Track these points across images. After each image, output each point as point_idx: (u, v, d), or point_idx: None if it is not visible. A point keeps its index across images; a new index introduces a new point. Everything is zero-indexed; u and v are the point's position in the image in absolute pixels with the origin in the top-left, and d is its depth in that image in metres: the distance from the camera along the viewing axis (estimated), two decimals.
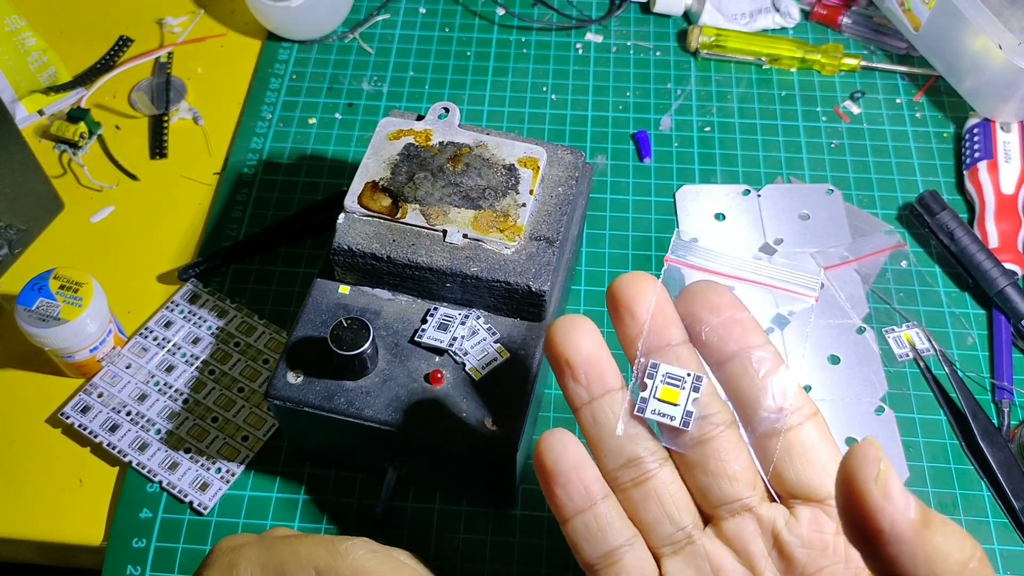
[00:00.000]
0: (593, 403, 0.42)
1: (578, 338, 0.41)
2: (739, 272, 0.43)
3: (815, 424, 0.41)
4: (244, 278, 0.76)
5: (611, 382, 0.42)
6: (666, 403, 0.41)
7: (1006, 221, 0.77)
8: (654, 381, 0.41)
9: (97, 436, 0.68)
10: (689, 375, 0.41)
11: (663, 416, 0.41)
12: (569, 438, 0.41)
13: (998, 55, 0.78)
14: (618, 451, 0.42)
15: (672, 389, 0.41)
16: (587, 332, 0.41)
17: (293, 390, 0.58)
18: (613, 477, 0.42)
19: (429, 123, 0.64)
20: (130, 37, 0.92)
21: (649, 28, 0.94)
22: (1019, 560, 0.64)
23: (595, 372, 0.41)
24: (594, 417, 0.42)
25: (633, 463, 0.42)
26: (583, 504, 0.41)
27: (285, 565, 0.43)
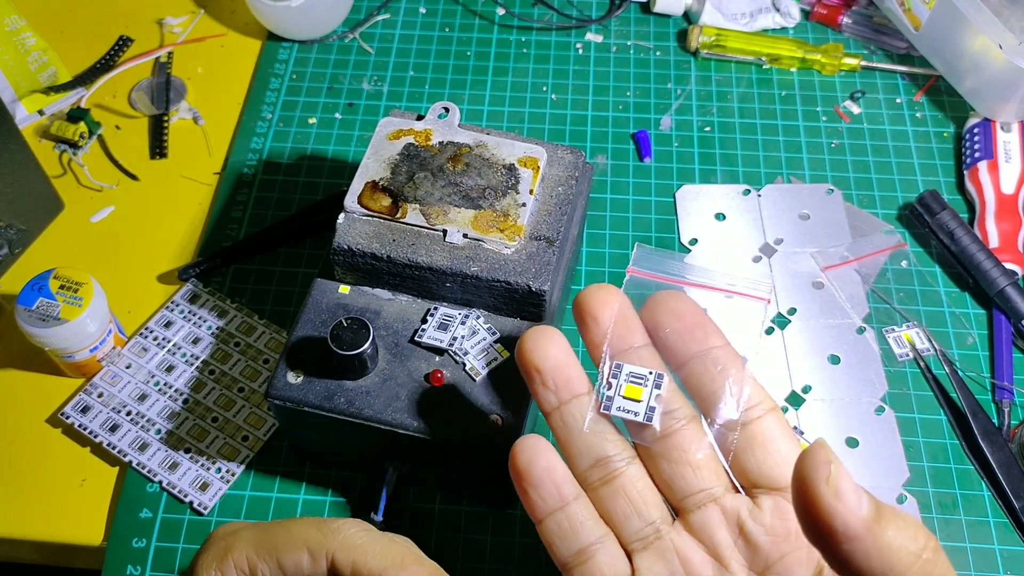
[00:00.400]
0: (562, 407, 0.44)
1: (546, 347, 0.43)
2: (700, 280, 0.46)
3: (774, 417, 0.43)
4: (244, 278, 0.76)
5: (579, 387, 0.44)
6: (630, 400, 0.43)
7: (1006, 221, 0.77)
8: (618, 380, 0.43)
9: (97, 436, 0.68)
10: (651, 373, 0.43)
11: (628, 412, 0.43)
12: (541, 443, 0.43)
13: (998, 55, 0.78)
14: (587, 451, 0.44)
15: (635, 386, 0.43)
16: (554, 341, 0.44)
17: (293, 390, 0.58)
18: (584, 477, 0.44)
19: (429, 123, 0.64)
20: (130, 37, 0.92)
21: (649, 28, 0.94)
22: (1019, 560, 0.64)
23: (563, 378, 0.44)
24: (563, 420, 0.44)
25: (602, 462, 0.44)
26: (555, 504, 0.43)
27: (278, 545, 0.44)
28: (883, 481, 0.67)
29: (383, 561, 0.43)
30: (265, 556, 0.44)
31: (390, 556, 0.43)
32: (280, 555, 0.44)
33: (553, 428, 0.45)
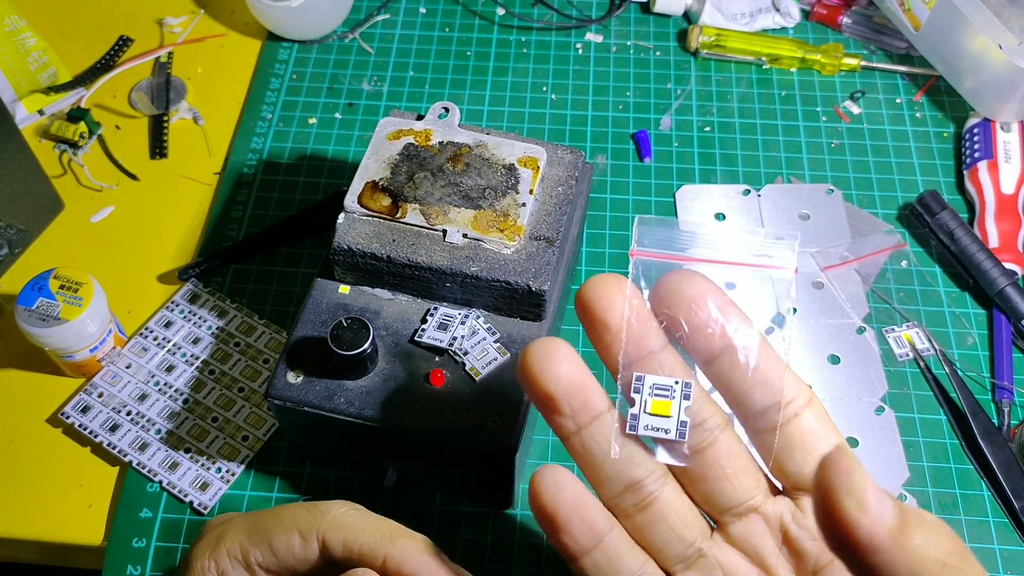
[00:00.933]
0: (582, 431, 0.39)
1: (556, 367, 0.38)
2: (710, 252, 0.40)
3: (812, 411, 0.39)
4: (244, 278, 0.76)
5: (597, 405, 0.39)
6: (658, 416, 0.39)
7: (1006, 221, 0.77)
8: (642, 395, 0.39)
9: (97, 436, 0.68)
10: (677, 383, 0.39)
11: (657, 431, 0.39)
12: (564, 475, 0.39)
13: (998, 55, 0.78)
14: (616, 477, 0.40)
15: (662, 401, 0.39)
16: (564, 358, 0.38)
17: (293, 390, 0.58)
18: (615, 504, 0.40)
19: (429, 123, 0.64)
20: (130, 37, 0.92)
21: (649, 28, 0.94)
22: (1019, 560, 0.64)
23: (579, 400, 0.39)
24: (585, 446, 0.40)
25: (633, 487, 0.40)
26: (590, 543, 0.39)
27: (269, 530, 0.45)
28: (883, 481, 0.67)
29: (373, 536, 0.43)
30: (257, 541, 0.44)
31: (379, 531, 0.43)
32: (271, 539, 0.44)
33: (573, 454, 0.40)
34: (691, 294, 0.38)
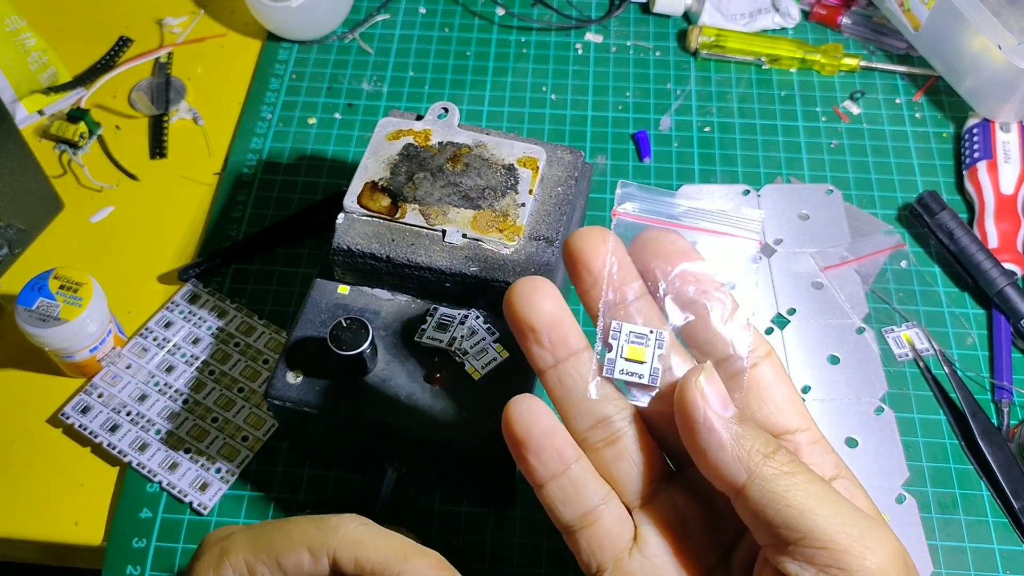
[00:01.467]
0: (559, 366, 0.42)
1: (540, 301, 0.41)
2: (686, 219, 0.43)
3: (770, 364, 0.42)
4: (244, 278, 0.76)
5: (575, 344, 0.42)
6: (633, 362, 0.42)
7: (1005, 221, 0.77)
8: (619, 341, 0.42)
9: (97, 436, 0.68)
10: (652, 332, 0.42)
11: (631, 375, 0.42)
12: (538, 405, 0.41)
13: (997, 55, 0.78)
14: (587, 412, 0.42)
15: (638, 347, 0.42)
16: (547, 295, 0.41)
17: (293, 390, 0.58)
18: (583, 438, 0.43)
19: (428, 123, 0.64)
20: (130, 37, 0.92)
21: (649, 28, 0.94)
22: (1018, 560, 0.64)
23: (558, 335, 0.41)
24: (560, 380, 0.42)
25: (602, 423, 0.42)
26: (557, 469, 0.42)
27: (277, 547, 0.44)
28: (882, 481, 0.67)
29: (385, 555, 0.43)
30: (264, 558, 0.43)
31: (392, 549, 0.43)
32: (280, 557, 0.43)
33: (548, 387, 0.43)
34: (665, 249, 0.42)
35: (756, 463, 0.37)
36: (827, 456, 0.41)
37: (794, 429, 0.41)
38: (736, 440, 0.38)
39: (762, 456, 0.38)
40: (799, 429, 0.41)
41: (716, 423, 0.38)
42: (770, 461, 0.37)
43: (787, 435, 0.42)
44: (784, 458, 0.38)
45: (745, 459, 0.37)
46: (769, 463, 0.37)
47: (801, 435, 0.41)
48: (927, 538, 0.65)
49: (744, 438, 0.38)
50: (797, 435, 0.41)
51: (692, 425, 0.38)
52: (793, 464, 0.38)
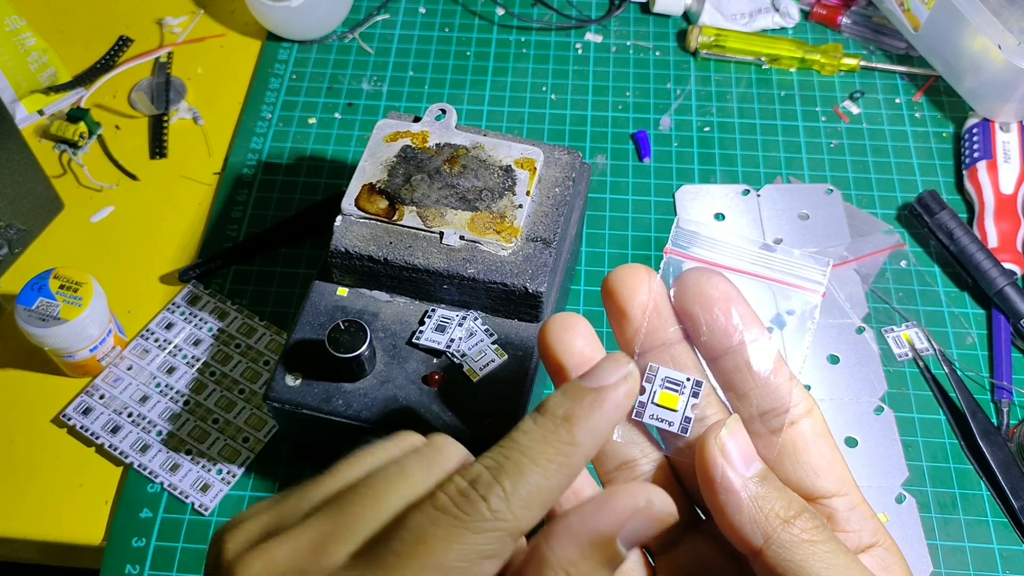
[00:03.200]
0: None
1: (571, 340, 0.39)
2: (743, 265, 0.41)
3: (811, 422, 0.40)
4: (244, 279, 0.76)
5: None
6: (664, 408, 0.40)
7: (1005, 221, 0.77)
8: (652, 385, 0.40)
9: (99, 438, 0.68)
10: (689, 380, 0.40)
11: (661, 421, 0.40)
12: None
13: (997, 55, 0.78)
14: (612, 454, 0.41)
15: (671, 394, 0.40)
16: (580, 334, 0.39)
17: (292, 392, 0.58)
18: (607, 479, 0.42)
19: (426, 124, 0.64)
20: (130, 37, 0.92)
21: (649, 28, 0.94)
22: (1018, 560, 0.64)
23: None
24: None
25: (627, 466, 0.41)
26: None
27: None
28: (882, 480, 0.67)
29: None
30: None
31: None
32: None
33: None
34: (708, 292, 0.39)
35: (774, 528, 0.35)
36: (866, 523, 0.39)
37: (831, 494, 0.39)
38: (754, 502, 0.36)
39: (781, 521, 0.36)
40: (836, 494, 0.39)
41: (735, 483, 0.36)
42: (790, 527, 0.35)
43: (822, 500, 0.39)
44: (807, 523, 0.36)
45: (763, 523, 0.36)
46: (788, 529, 0.35)
47: (838, 500, 0.39)
48: (927, 538, 0.65)
49: (764, 500, 0.36)
50: (834, 500, 0.39)
51: (710, 483, 0.36)
52: (817, 531, 0.36)
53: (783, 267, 0.41)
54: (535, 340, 0.60)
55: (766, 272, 0.41)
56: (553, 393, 0.36)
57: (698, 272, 0.40)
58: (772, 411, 0.39)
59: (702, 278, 0.40)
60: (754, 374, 0.39)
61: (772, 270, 0.41)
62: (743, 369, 0.39)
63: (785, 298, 0.41)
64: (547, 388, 0.71)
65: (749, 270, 0.41)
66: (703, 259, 0.41)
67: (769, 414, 0.39)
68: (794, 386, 0.39)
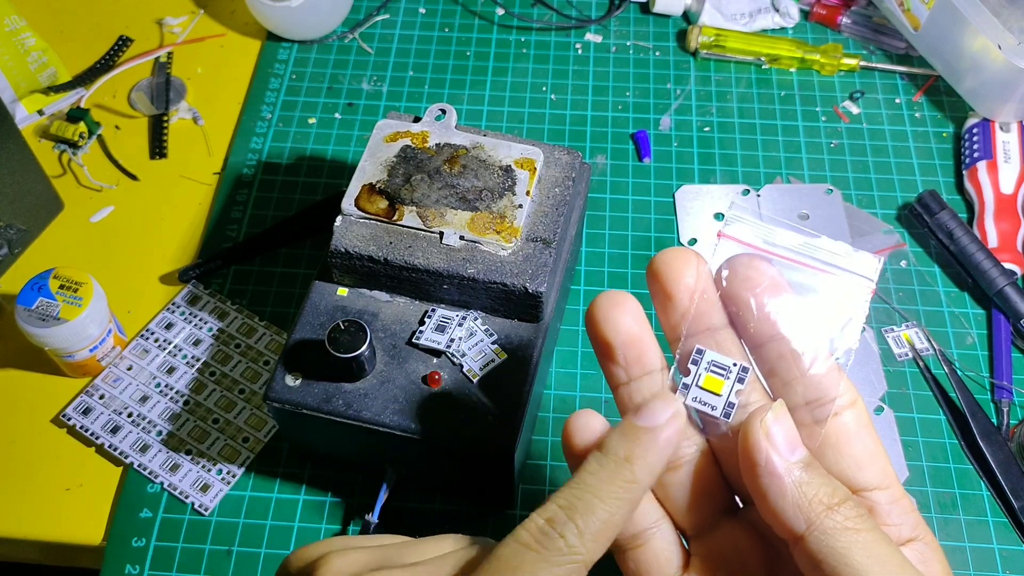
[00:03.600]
0: (631, 384, 0.40)
1: (618, 317, 0.39)
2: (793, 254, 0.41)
3: (854, 413, 0.39)
4: (244, 279, 0.76)
5: (651, 363, 0.40)
6: (709, 392, 0.40)
7: (1005, 221, 0.77)
8: (698, 368, 0.40)
9: (99, 438, 0.68)
10: (735, 365, 0.40)
11: (704, 405, 0.40)
12: (596, 420, 0.40)
13: (997, 55, 0.78)
14: None
15: (716, 378, 0.40)
16: (628, 311, 0.39)
17: (292, 392, 0.58)
18: None
19: (426, 125, 0.64)
20: (130, 37, 0.92)
21: (648, 28, 0.93)
22: (1018, 560, 0.64)
23: (634, 353, 0.40)
24: (631, 398, 0.40)
25: None
26: None
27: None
28: None
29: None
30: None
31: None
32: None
33: (619, 404, 0.41)
34: (763, 280, 0.40)
35: (817, 514, 0.35)
36: (907, 516, 0.39)
37: (872, 487, 0.39)
38: (798, 487, 0.36)
39: (825, 507, 0.35)
40: (878, 487, 0.39)
41: (779, 467, 0.36)
42: (833, 514, 0.35)
43: (864, 492, 0.39)
44: (850, 511, 0.36)
45: (806, 508, 0.36)
46: (832, 516, 0.35)
47: (880, 493, 0.39)
48: None
49: (808, 485, 0.36)
50: (875, 493, 0.39)
51: (754, 467, 0.37)
52: (860, 520, 0.36)
53: (833, 258, 0.41)
54: (535, 340, 0.60)
55: (815, 263, 0.41)
56: (612, 432, 0.38)
57: (748, 258, 0.40)
58: (817, 401, 0.39)
59: (752, 264, 0.40)
60: (800, 363, 0.39)
61: (822, 261, 0.41)
62: (788, 357, 0.39)
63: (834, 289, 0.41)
64: (548, 388, 0.71)
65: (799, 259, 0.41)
66: (755, 245, 0.41)
67: (814, 404, 0.39)
68: (840, 377, 0.39)
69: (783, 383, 0.40)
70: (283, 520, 0.66)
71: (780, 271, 0.40)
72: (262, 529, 0.65)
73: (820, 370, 0.39)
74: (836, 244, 0.41)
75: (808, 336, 0.39)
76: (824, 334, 0.40)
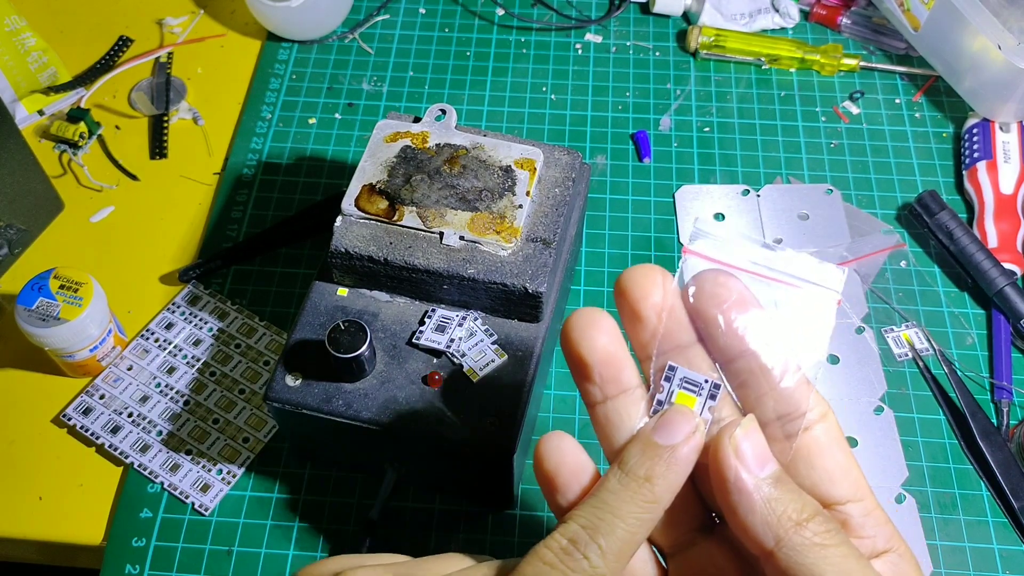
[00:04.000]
0: (607, 402, 0.40)
1: (594, 336, 0.39)
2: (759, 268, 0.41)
3: (825, 427, 0.39)
4: (244, 279, 0.76)
5: (627, 381, 0.40)
6: None
7: (1005, 221, 0.77)
8: (671, 385, 0.40)
9: (99, 438, 0.68)
10: (707, 382, 0.40)
11: None
12: (568, 442, 0.40)
13: (997, 55, 0.78)
14: None
15: (689, 395, 0.40)
16: (603, 330, 0.39)
17: (292, 393, 0.58)
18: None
19: (426, 125, 0.64)
20: (130, 37, 0.92)
21: (648, 28, 0.94)
22: (1018, 560, 0.64)
23: (610, 372, 0.40)
24: (607, 417, 0.40)
25: None
26: None
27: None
28: (882, 481, 0.67)
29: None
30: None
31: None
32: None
33: (595, 423, 0.41)
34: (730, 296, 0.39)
35: (786, 530, 0.35)
36: (880, 528, 0.39)
37: (845, 500, 0.39)
38: (767, 503, 0.36)
39: (794, 523, 0.36)
40: (851, 500, 0.39)
41: (748, 483, 0.36)
42: (802, 530, 0.35)
43: (837, 505, 0.39)
44: (819, 527, 0.36)
45: (775, 525, 0.36)
46: (801, 532, 0.35)
47: (853, 506, 0.39)
48: (927, 538, 0.65)
49: (777, 501, 0.36)
50: (848, 506, 0.39)
51: (724, 484, 0.37)
52: (829, 535, 0.36)
53: (799, 271, 0.41)
54: (535, 340, 0.60)
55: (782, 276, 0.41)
56: (631, 448, 0.38)
57: (715, 274, 0.40)
58: (788, 415, 0.39)
59: (719, 280, 0.39)
60: (770, 378, 0.39)
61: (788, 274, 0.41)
62: (758, 372, 0.39)
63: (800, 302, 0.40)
64: (547, 388, 0.71)
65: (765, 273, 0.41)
66: (720, 260, 0.41)
67: (785, 418, 0.39)
68: (810, 392, 0.39)
69: (754, 398, 0.40)
70: (283, 520, 0.66)
71: (747, 286, 0.40)
72: (262, 529, 0.65)
73: (790, 384, 0.39)
74: (801, 257, 0.40)
75: (776, 350, 0.39)
76: (792, 348, 0.40)
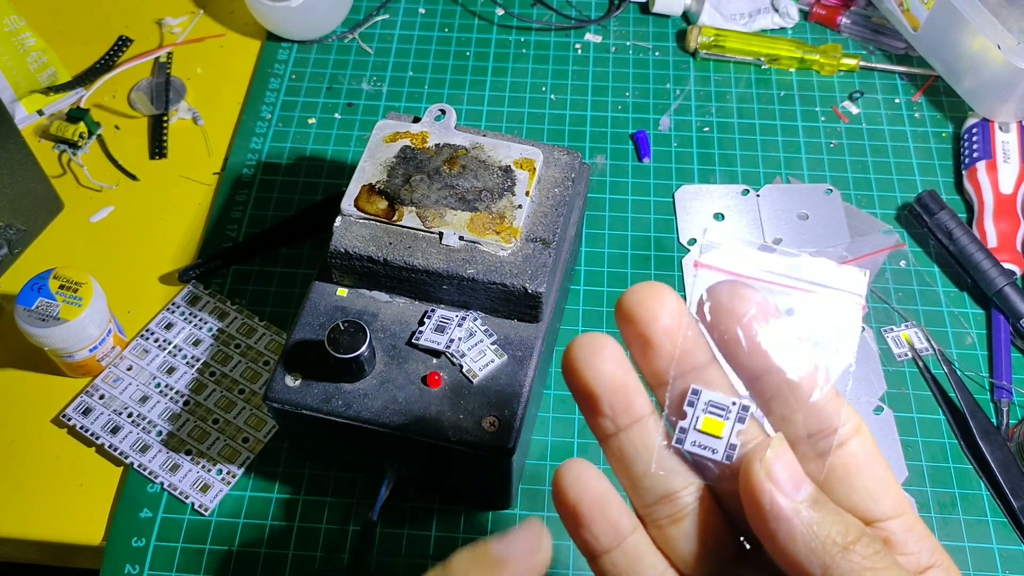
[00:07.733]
0: (620, 435, 0.37)
1: (600, 365, 0.36)
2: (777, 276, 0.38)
3: (860, 442, 0.37)
4: (244, 279, 0.76)
5: (639, 409, 0.37)
6: (708, 435, 0.36)
7: (1005, 221, 0.77)
8: (695, 410, 0.36)
9: (99, 438, 0.68)
10: (735, 404, 0.36)
11: (704, 448, 0.37)
12: (589, 471, 0.37)
13: (997, 55, 0.78)
14: (651, 488, 0.38)
15: (716, 420, 0.36)
16: (608, 356, 0.36)
17: (291, 393, 0.58)
18: (647, 512, 0.38)
19: (425, 125, 0.64)
20: (130, 37, 0.92)
21: (648, 28, 0.94)
22: (1018, 560, 0.64)
23: (621, 402, 0.36)
24: (623, 451, 0.37)
25: (668, 499, 0.38)
26: (611, 543, 0.37)
27: None
28: None
29: None
30: None
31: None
32: None
33: (609, 458, 0.38)
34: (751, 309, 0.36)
35: (832, 556, 0.33)
36: (923, 542, 0.36)
37: (887, 517, 0.36)
38: (808, 528, 0.33)
39: (840, 548, 0.33)
40: (892, 516, 0.36)
41: (785, 508, 0.33)
42: (849, 555, 0.33)
43: (878, 523, 0.37)
44: (867, 549, 0.33)
45: (820, 551, 0.33)
46: (848, 556, 0.33)
47: (894, 523, 0.36)
48: None
49: (819, 525, 0.33)
50: (890, 523, 0.37)
51: (759, 511, 0.34)
52: (878, 557, 0.33)
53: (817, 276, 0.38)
54: (535, 340, 0.60)
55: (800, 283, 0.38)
56: (462, 553, 0.35)
57: (731, 286, 0.37)
58: (819, 432, 0.36)
59: (736, 292, 0.36)
60: (799, 394, 0.36)
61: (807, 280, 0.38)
62: (786, 389, 0.36)
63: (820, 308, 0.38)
64: (547, 389, 0.71)
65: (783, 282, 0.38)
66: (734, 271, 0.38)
67: (816, 435, 0.36)
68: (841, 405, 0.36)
69: (781, 417, 0.37)
70: (283, 520, 0.66)
71: (766, 296, 0.37)
72: (262, 529, 0.65)
73: (819, 398, 0.36)
74: (819, 261, 0.38)
75: (804, 364, 0.36)
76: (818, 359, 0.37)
